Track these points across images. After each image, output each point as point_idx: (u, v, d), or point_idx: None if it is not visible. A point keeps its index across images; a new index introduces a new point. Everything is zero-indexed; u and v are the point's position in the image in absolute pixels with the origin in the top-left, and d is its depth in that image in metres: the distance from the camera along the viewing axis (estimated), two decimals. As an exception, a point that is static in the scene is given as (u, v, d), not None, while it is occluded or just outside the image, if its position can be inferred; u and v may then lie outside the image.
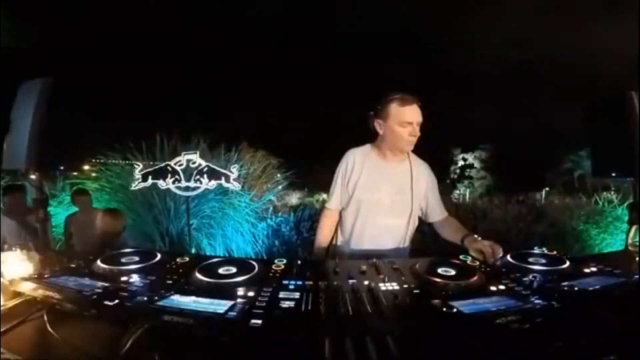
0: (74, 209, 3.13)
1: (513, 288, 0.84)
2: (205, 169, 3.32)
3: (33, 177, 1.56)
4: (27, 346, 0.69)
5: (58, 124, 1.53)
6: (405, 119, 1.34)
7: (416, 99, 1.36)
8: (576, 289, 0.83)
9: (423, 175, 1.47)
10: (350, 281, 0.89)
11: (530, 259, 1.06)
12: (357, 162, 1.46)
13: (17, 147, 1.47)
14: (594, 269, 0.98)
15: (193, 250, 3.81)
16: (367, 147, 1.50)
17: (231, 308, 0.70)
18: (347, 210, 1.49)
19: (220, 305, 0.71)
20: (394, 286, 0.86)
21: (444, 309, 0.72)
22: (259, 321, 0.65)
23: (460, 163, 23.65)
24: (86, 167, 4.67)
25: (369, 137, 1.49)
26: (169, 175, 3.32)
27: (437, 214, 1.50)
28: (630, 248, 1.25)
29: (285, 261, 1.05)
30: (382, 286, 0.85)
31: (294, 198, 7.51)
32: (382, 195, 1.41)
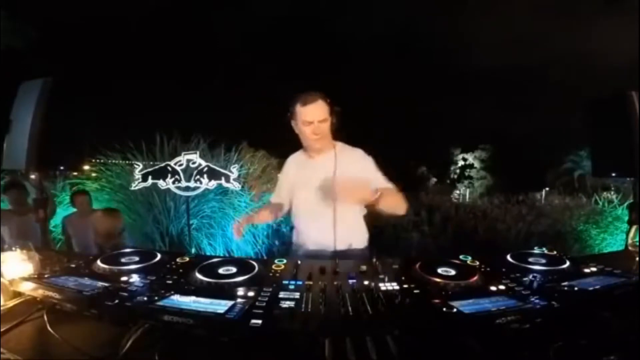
0: (73, 209, 3.11)
1: (513, 288, 0.84)
2: (205, 169, 3.32)
3: (33, 177, 1.56)
4: (27, 346, 0.69)
5: (58, 124, 1.53)
6: (305, 118, 1.32)
7: (319, 96, 1.32)
8: (576, 289, 0.83)
9: (351, 162, 1.40)
10: (350, 281, 0.89)
11: (530, 259, 1.06)
12: (291, 166, 1.52)
13: (17, 147, 1.48)
14: (594, 269, 0.98)
15: (193, 250, 3.81)
16: (300, 151, 1.52)
17: (231, 308, 0.70)
18: (293, 214, 1.51)
19: (220, 305, 0.71)
20: (394, 286, 0.86)
21: (444, 309, 0.72)
22: (259, 321, 0.65)
23: (460, 163, 23.67)
24: (86, 167, 4.67)
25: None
26: (169, 175, 3.32)
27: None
28: (630, 248, 1.25)
29: (285, 261, 1.05)
30: (382, 286, 0.85)
31: (294, 198, 7.47)
32: (312, 193, 1.39)
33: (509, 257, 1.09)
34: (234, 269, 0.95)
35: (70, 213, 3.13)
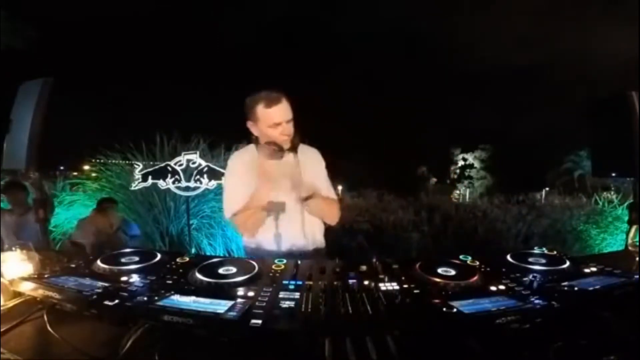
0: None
1: (513, 288, 0.84)
2: (205, 169, 3.32)
3: (33, 177, 1.56)
4: (27, 346, 0.69)
5: (58, 124, 1.53)
6: (273, 120, 1.27)
7: (282, 95, 1.27)
8: (576, 289, 0.82)
9: (312, 162, 1.44)
10: (350, 281, 0.89)
11: (530, 259, 1.05)
12: (243, 167, 1.41)
13: (17, 147, 1.47)
14: (594, 269, 0.98)
15: (193, 250, 3.81)
16: (251, 148, 1.44)
17: (231, 308, 0.70)
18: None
19: (220, 305, 0.71)
20: (394, 286, 0.86)
21: (444, 309, 0.72)
22: (259, 321, 0.65)
23: (460, 163, 23.71)
24: (86, 167, 4.67)
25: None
26: (169, 175, 3.33)
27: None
28: (630, 248, 1.25)
29: (285, 261, 1.05)
30: (382, 286, 0.85)
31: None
32: (280, 193, 1.35)
33: (509, 257, 1.08)
34: (233, 269, 0.95)
35: (85, 217, 3.13)
